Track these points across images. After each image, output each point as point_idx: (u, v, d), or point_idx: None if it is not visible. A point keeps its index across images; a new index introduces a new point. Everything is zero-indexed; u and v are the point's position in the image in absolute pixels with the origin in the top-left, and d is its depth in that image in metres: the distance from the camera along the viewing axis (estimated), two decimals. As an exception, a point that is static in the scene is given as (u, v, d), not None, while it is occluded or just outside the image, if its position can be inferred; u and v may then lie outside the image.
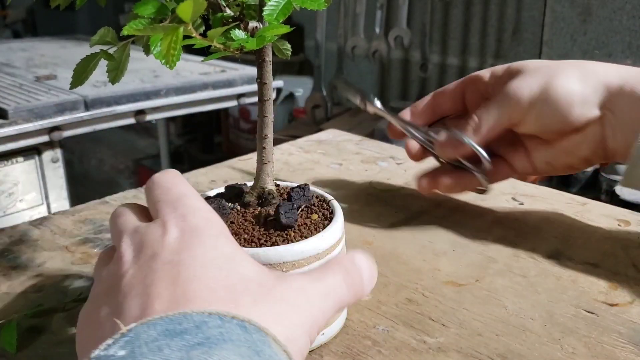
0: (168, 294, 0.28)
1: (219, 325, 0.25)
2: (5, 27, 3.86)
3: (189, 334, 0.24)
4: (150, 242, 0.31)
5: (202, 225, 0.32)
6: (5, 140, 1.01)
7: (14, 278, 0.47)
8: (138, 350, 0.24)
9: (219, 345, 0.24)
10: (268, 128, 0.39)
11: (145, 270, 0.29)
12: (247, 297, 0.29)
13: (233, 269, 0.30)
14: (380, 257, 0.49)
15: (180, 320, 0.25)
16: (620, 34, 1.50)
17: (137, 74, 1.33)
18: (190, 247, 0.30)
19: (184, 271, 0.29)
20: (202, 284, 0.28)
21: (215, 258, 0.30)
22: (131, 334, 0.24)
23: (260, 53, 0.37)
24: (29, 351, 0.38)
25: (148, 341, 0.24)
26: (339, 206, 0.40)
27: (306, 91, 2.08)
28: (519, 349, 0.38)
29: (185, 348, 0.24)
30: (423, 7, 1.77)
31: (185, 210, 0.32)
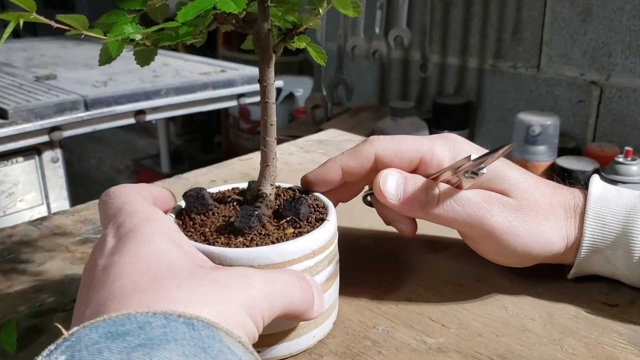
0: (97, 297, 0.28)
1: (163, 325, 0.25)
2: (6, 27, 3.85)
3: (131, 335, 0.24)
4: (93, 255, 0.32)
5: (138, 226, 0.32)
6: (5, 140, 1.01)
7: (14, 278, 0.47)
8: (78, 354, 0.23)
9: (161, 345, 0.24)
10: (267, 130, 0.39)
11: (87, 282, 0.31)
12: (172, 283, 0.29)
13: (164, 261, 0.30)
14: (380, 257, 0.50)
15: (123, 322, 0.25)
16: (620, 34, 1.50)
17: (137, 74, 1.33)
18: (122, 249, 0.31)
19: (113, 271, 0.29)
20: (128, 279, 0.29)
21: (147, 254, 0.30)
22: (73, 338, 0.24)
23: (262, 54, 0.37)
24: (29, 351, 0.38)
25: (89, 344, 0.24)
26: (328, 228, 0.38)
27: (306, 91, 2.08)
28: (519, 350, 0.38)
29: (125, 350, 0.24)
30: (423, 7, 1.76)
31: (123, 217, 0.33)
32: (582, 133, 1.63)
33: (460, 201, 0.40)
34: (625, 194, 0.43)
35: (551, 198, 0.43)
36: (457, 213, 0.40)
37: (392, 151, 0.43)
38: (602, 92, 1.58)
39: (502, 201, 0.41)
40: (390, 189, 0.41)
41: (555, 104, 1.67)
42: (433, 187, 0.41)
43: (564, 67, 1.63)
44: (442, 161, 0.42)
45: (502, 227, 0.40)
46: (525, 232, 0.41)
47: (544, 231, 0.41)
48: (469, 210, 0.40)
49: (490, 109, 1.83)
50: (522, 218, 0.41)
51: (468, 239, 0.44)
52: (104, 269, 0.30)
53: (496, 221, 0.40)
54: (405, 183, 0.41)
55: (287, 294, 0.32)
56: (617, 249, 0.42)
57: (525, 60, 1.71)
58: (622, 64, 1.51)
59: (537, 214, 0.41)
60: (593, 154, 1.47)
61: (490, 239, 0.41)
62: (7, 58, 1.53)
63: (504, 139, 1.77)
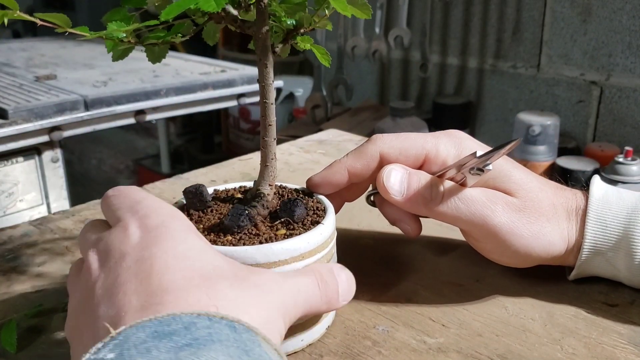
0: (144, 288, 0.28)
1: (208, 326, 0.25)
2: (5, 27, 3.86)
3: (177, 335, 0.25)
4: (115, 245, 0.31)
5: (167, 222, 0.32)
6: (5, 140, 1.01)
7: (14, 278, 0.47)
8: (127, 352, 0.24)
9: (207, 345, 0.24)
10: (265, 131, 0.39)
11: (116, 272, 0.30)
12: (224, 282, 0.29)
13: (207, 260, 0.30)
14: (380, 257, 0.49)
15: (169, 322, 0.25)
16: (620, 34, 1.50)
17: (137, 74, 1.33)
18: (158, 242, 0.30)
19: (156, 264, 0.29)
20: (177, 274, 0.29)
21: (187, 250, 0.30)
22: (120, 337, 0.25)
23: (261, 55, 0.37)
24: (29, 351, 0.38)
25: (137, 343, 0.24)
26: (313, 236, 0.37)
27: (306, 91, 2.08)
28: (519, 350, 0.38)
29: (173, 349, 0.24)
30: (423, 7, 1.76)
31: (146, 211, 0.33)
32: (582, 133, 1.63)
33: (464, 199, 0.40)
34: (626, 196, 0.43)
35: (554, 199, 0.43)
36: (461, 211, 0.40)
37: (397, 149, 0.42)
38: (602, 92, 1.58)
39: (506, 201, 0.41)
40: (394, 185, 0.41)
41: (555, 104, 1.67)
42: (437, 184, 0.41)
43: (564, 67, 1.63)
44: (447, 158, 0.42)
45: (505, 227, 0.40)
46: (527, 233, 0.41)
47: (546, 233, 0.41)
48: (472, 209, 0.40)
49: (490, 109, 1.83)
50: (525, 219, 0.41)
51: (470, 238, 0.44)
52: (140, 261, 0.29)
53: (499, 221, 0.40)
54: (410, 179, 0.41)
55: (308, 299, 0.33)
56: (618, 251, 0.42)
57: (525, 60, 1.71)
58: (622, 64, 1.51)
59: (540, 215, 0.41)
60: (593, 154, 1.47)
61: (493, 238, 0.41)
62: (7, 58, 1.53)
63: (504, 139, 1.76)
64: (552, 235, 0.42)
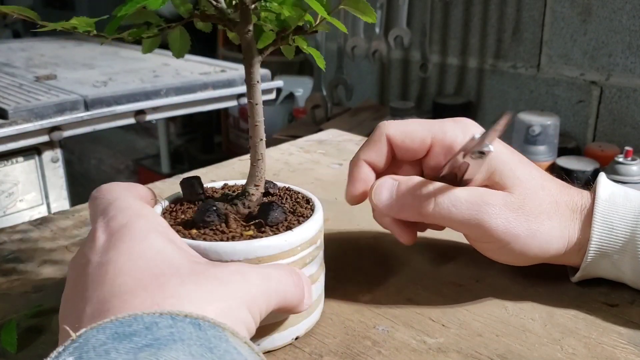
0: (97, 294, 0.28)
1: (170, 325, 0.25)
2: (5, 27, 3.86)
3: (138, 335, 0.24)
4: (85, 252, 0.31)
5: (131, 222, 0.32)
6: (5, 140, 1.01)
7: (14, 278, 0.47)
8: (86, 355, 0.24)
9: (168, 345, 0.24)
10: (252, 130, 0.39)
11: (80, 279, 0.30)
12: (175, 280, 0.29)
13: (163, 259, 0.30)
14: (380, 257, 0.49)
15: (130, 323, 0.25)
16: (620, 34, 1.50)
17: (137, 74, 1.33)
18: (117, 244, 0.30)
19: (110, 269, 0.29)
20: (129, 277, 0.29)
21: (144, 250, 0.30)
22: (80, 340, 0.24)
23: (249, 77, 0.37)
24: (29, 351, 0.38)
25: (96, 345, 0.24)
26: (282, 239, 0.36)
27: (306, 91, 2.08)
28: (519, 350, 0.38)
29: (133, 350, 0.24)
30: (423, 7, 1.76)
31: (114, 212, 0.33)
32: (582, 133, 1.63)
33: (456, 203, 0.40)
34: (633, 197, 0.42)
35: (557, 197, 0.42)
36: (454, 215, 0.40)
37: (402, 132, 0.42)
38: (602, 92, 1.58)
39: (502, 200, 0.40)
40: (384, 199, 0.41)
41: (555, 104, 1.67)
42: (428, 189, 0.40)
43: (564, 67, 1.63)
44: (454, 143, 0.42)
45: (500, 227, 0.40)
46: (524, 233, 0.41)
47: (544, 231, 0.41)
48: (466, 212, 0.40)
49: (490, 109, 1.83)
50: (522, 217, 0.41)
51: (469, 238, 0.44)
52: (99, 266, 0.30)
53: (495, 222, 0.40)
54: (399, 189, 0.41)
55: (282, 290, 0.33)
56: (624, 253, 0.41)
57: (525, 60, 1.71)
58: (622, 64, 1.51)
59: (540, 213, 0.41)
60: (593, 154, 1.47)
61: (489, 238, 0.41)
62: (7, 58, 1.53)
63: (504, 139, 1.76)
64: (551, 233, 0.41)
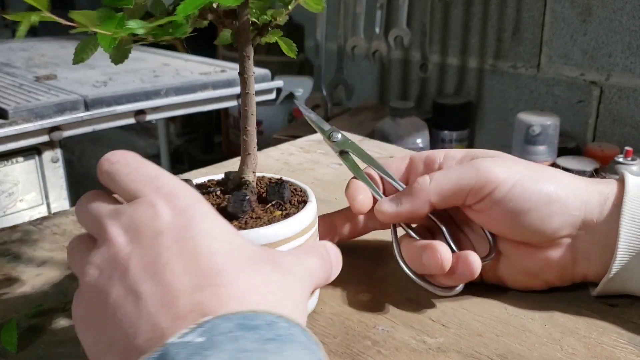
0: (193, 269, 0.28)
1: (287, 327, 0.27)
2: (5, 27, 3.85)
3: (262, 329, 0.26)
4: (145, 222, 0.30)
5: (196, 204, 0.31)
6: (5, 140, 1.01)
7: (14, 278, 0.47)
8: (216, 338, 0.25)
9: (289, 343, 0.26)
10: (249, 121, 0.41)
11: (154, 250, 0.29)
12: (266, 266, 0.30)
13: (241, 242, 0.31)
14: (380, 257, 0.49)
15: (252, 318, 0.26)
16: (620, 34, 1.50)
17: (137, 74, 1.33)
18: (194, 224, 0.30)
19: (200, 246, 0.29)
20: (225, 257, 0.29)
21: (224, 233, 0.31)
22: (208, 325, 0.26)
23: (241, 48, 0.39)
24: (29, 351, 0.38)
25: (225, 332, 0.25)
26: (309, 210, 0.40)
27: (306, 91, 2.08)
28: (519, 349, 0.38)
29: (259, 340, 0.25)
30: (423, 7, 1.76)
31: (170, 189, 0.32)
32: (582, 133, 1.63)
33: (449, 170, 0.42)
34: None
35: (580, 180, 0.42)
36: (450, 177, 0.41)
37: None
38: (602, 92, 1.58)
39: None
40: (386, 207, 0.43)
41: (555, 104, 1.67)
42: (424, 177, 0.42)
43: (564, 67, 1.63)
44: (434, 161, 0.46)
45: (499, 170, 0.41)
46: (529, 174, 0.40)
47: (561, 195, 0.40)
48: (459, 170, 0.41)
49: (490, 109, 1.83)
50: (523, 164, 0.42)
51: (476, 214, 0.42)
52: (181, 241, 0.29)
53: (489, 164, 0.41)
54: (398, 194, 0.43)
55: (317, 278, 0.34)
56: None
57: (525, 60, 1.71)
58: (622, 64, 1.51)
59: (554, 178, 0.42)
60: (593, 154, 1.47)
61: (489, 187, 0.40)
62: (7, 58, 1.53)
63: (504, 139, 1.77)
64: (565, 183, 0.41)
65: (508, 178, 0.40)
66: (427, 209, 0.42)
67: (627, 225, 0.39)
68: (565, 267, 0.42)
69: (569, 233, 0.41)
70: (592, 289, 0.43)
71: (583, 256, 0.42)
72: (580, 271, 0.42)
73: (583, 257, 0.42)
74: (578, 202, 0.41)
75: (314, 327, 0.40)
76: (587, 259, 0.42)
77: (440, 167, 0.45)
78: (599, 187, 0.42)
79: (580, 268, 0.42)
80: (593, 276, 0.42)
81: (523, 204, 0.40)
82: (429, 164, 0.46)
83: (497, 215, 0.41)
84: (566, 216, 0.40)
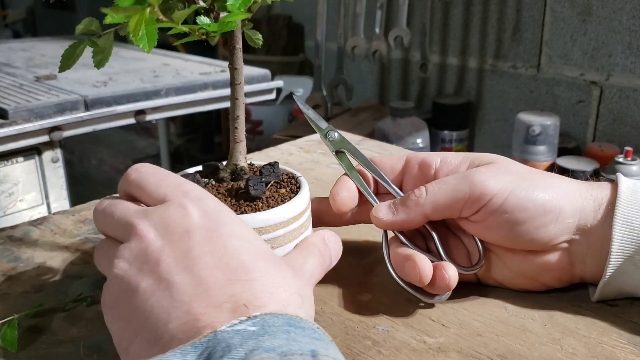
0: (224, 264, 0.30)
1: (325, 336, 0.29)
2: (5, 27, 3.86)
3: (308, 330, 0.28)
4: (176, 220, 0.32)
5: (223, 208, 0.35)
6: (5, 140, 1.01)
7: (14, 278, 0.47)
8: (268, 328, 0.27)
9: (332, 346, 0.28)
10: (239, 110, 0.43)
11: (185, 245, 0.31)
12: (285, 267, 0.33)
13: (262, 243, 0.34)
14: (380, 257, 0.49)
15: (297, 321, 0.29)
16: (620, 34, 1.50)
17: (137, 74, 1.33)
18: (222, 224, 0.33)
19: (228, 245, 0.32)
20: (251, 255, 0.32)
21: (248, 235, 0.33)
22: (258, 319, 0.28)
23: (231, 41, 0.41)
24: (29, 351, 0.38)
25: (276, 325, 0.27)
26: (306, 182, 0.43)
27: (306, 91, 2.08)
28: (519, 349, 0.38)
29: (308, 338, 0.27)
30: (423, 7, 1.76)
31: (197, 194, 0.34)
32: (582, 133, 1.63)
33: (445, 181, 0.42)
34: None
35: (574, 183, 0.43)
36: (444, 190, 0.41)
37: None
38: (602, 92, 1.58)
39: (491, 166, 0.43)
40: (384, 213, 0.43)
41: (555, 104, 1.67)
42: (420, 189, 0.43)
43: (564, 67, 1.63)
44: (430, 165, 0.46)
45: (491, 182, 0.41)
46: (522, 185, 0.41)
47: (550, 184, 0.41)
48: (454, 182, 0.41)
49: (490, 109, 1.83)
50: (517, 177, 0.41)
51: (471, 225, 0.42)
52: (210, 239, 0.32)
53: (484, 176, 0.41)
54: (394, 202, 0.44)
55: (316, 276, 0.37)
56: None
57: (525, 60, 1.71)
58: (622, 64, 1.51)
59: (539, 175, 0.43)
60: (593, 154, 1.47)
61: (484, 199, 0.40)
62: (7, 58, 1.53)
63: (504, 139, 1.77)
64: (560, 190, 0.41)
65: (502, 189, 0.40)
66: (422, 220, 0.43)
67: (620, 228, 0.40)
68: (563, 270, 0.42)
69: (565, 239, 0.41)
70: (592, 293, 0.43)
71: (579, 259, 0.42)
72: (578, 273, 0.42)
73: (579, 259, 0.42)
74: (573, 209, 0.41)
75: (314, 327, 0.40)
76: (583, 261, 0.42)
77: (436, 173, 0.45)
78: (594, 193, 0.42)
79: (578, 270, 0.42)
80: (590, 278, 0.43)
81: (518, 214, 0.40)
82: (424, 168, 0.45)
83: (492, 225, 0.41)
84: (561, 224, 0.40)
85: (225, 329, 0.27)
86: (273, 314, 0.28)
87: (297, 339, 0.27)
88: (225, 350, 0.26)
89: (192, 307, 0.28)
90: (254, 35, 0.43)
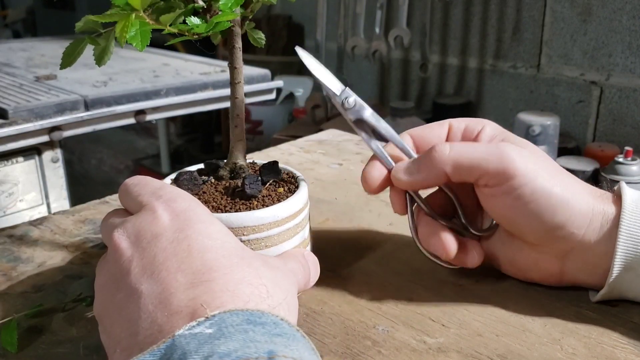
0: (187, 267, 0.30)
1: (290, 327, 0.29)
2: (5, 27, 3.86)
3: (268, 326, 0.28)
4: (145, 227, 0.33)
5: (194, 207, 0.34)
6: (5, 140, 1.01)
7: (14, 278, 0.47)
8: (225, 329, 0.27)
9: (295, 341, 0.28)
10: (239, 108, 0.43)
11: (151, 252, 0.31)
12: (257, 261, 0.32)
13: (232, 240, 0.33)
14: (380, 257, 0.49)
15: (259, 315, 0.28)
16: (620, 34, 1.50)
17: (137, 74, 1.33)
18: (189, 225, 0.32)
19: (193, 245, 0.31)
20: (217, 253, 0.31)
21: (217, 232, 0.33)
22: (215, 319, 0.27)
23: (231, 40, 0.41)
24: (29, 351, 0.38)
25: (233, 324, 0.27)
26: (305, 182, 0.43)
27: (306, 91, 2.08)
28: (519, 349, 0.38)
29: (267, 334, 0.27)
30: (423, 7, 1.76)
31: (170, 195, 0.35)
32: (582, 133, 1.63)
33: (472, 144, 0.41)
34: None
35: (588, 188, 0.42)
36: (471, 152, 0.40)
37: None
38: (602, 92, 1.58)
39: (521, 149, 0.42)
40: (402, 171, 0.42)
41: (555, 104, 1.67)
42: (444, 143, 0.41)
43: (564, 67, 1.63)
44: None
45: (519, 161, 0.39)
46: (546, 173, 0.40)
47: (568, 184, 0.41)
48: (482, 148, 0.40)
49: (490, 109, 1.83)
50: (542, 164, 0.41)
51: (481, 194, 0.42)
52: (177, 241, 0.31)
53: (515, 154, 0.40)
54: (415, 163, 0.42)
55: (299, 282, 0.37)
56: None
57: (525, 60, 1.71)
58: (622, 64, 1.51)
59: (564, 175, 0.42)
60: (593, 154, 1.47)
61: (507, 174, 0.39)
62: (7, 58, 1.53)
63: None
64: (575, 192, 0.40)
65: (526, 174, 0.39)
66: (442, 179, 0.41)
67: (624, 241, 0.39)
68: (552, 275, 0.43)
69: (564, 248, 0.41)
70: (592, 294, 0.43)
71: (572, 272, 0.42)
72: (568, 279, 0.43)
73: (572, 272, 0.42)
74: (580, 220, 0.40)
75: (314, 327, 0.40)
76: (575, 275, 0.42)
77: (477, 138, 0.44)
78: (605, 207, 0.40)
79: (568, 277, 0.43)
80: (582, 284, 0.43)
81: (529, 205, 0.39)
82: (467, 134, 0.45)
83: (501, 204, 0.41)
84: (565, 231, 0.40)
85: (182, 333, 0.27)
86: (232, 312, 0.28)
87: (256, 338, 0.26)
88: (180, 357, 0.25)
89: (156, 317, 0.29)
90: (256, 35, 0.43)
